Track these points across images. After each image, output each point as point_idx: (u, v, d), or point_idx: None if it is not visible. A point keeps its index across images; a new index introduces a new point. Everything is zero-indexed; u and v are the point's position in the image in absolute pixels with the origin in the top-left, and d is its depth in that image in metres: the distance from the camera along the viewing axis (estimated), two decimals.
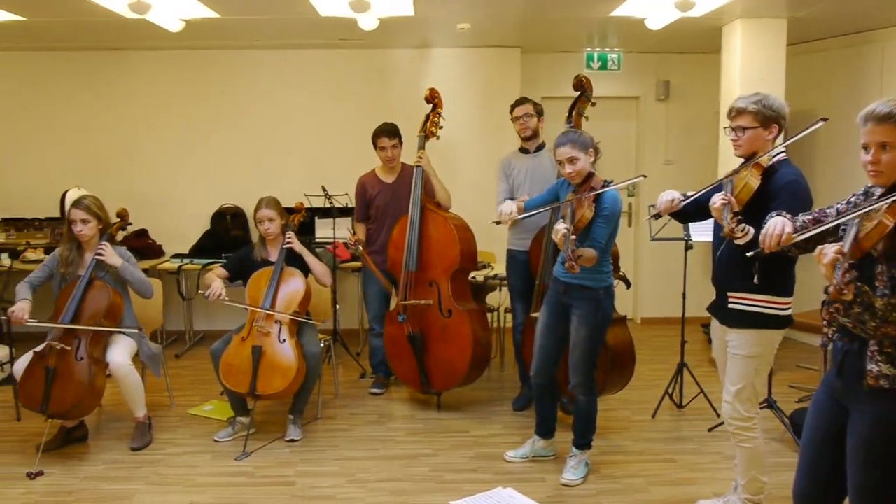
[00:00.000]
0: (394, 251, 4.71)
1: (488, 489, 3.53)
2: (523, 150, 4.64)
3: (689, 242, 4.63)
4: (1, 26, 5.21)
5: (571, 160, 3.49)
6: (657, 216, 3.20)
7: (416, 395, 4.91)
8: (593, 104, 4.44)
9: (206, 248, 6.18)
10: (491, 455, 4.01)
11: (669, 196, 3.06)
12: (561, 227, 3.28)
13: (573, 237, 3.27)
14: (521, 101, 4.61)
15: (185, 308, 6.38)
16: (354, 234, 4.88)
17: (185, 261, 5.99)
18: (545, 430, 3.92)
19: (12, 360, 5.13)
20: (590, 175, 3.53)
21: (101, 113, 6.47)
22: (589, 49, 6.61)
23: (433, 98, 4.86)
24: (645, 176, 3.73)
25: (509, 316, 4.82)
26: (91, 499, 3.56)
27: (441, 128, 4.85)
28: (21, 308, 3.88)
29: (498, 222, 3.85)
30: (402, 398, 4.97)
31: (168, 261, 6.08)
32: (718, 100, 5.69)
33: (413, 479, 3.72)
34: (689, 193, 3.05)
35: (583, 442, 3.74)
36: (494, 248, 5.56)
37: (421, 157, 4.73)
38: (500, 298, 5.47)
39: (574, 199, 3.45)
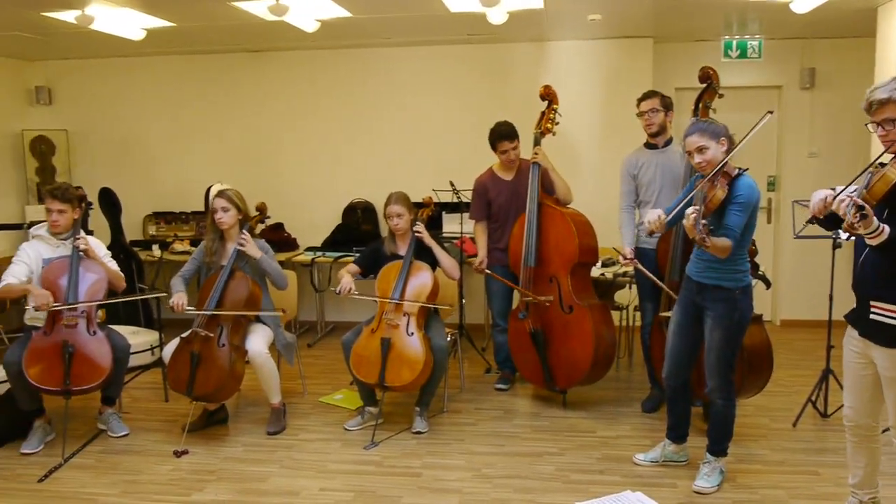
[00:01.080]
0: (514, 248, 4.70)
1: (616, 492, 3.48)
2: (650, 146, 4.48)
3: (838, 241, 4.32)
4: (154, 32, 5.57)
5: (700, 149, 3.32)
6: (813, 221, 2.80)
7: (540, 392, 4.87)
8: (720, 96, 4.22)
9: (337, 241, 6.38)
10: (619, 457, 3.91)
11: (822, 195, 2.68)
12: (691, 209, 3.13)
13: (703, 221, 3.09)
14: (648, 95, 4.45)
15: (317, 299, 6.61)
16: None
17: (318, 253, 6.21)
18: (677, 434, 3.78)
19: (161, 345, 5.49)
20: (723, 164, 3.34)
21: (242, 112, 6.81)
22: (727, 37, 6.30)
23: (548, 95, 4.79)
24: (771, 112, 3.41)
25: (639, 314, 4.67)
26: (231, 479, 3.74)
27: (557, 124, 4.77)
28: (180, 298, 4.16)
29: (651, 233, 3.57)
30: (527, 395, 4.94)
31: (302, 253, 6.32)
32: None
33: (539, 478, 3.68)
34: (838, 188, 2.79)
35: (718, 448, 3.57)
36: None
37: (537, 154, 4.67)
38: (629, 297, 5.32)
39: (705, 181, 3.30)
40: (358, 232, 6.41)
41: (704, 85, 4.22)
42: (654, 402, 4.56)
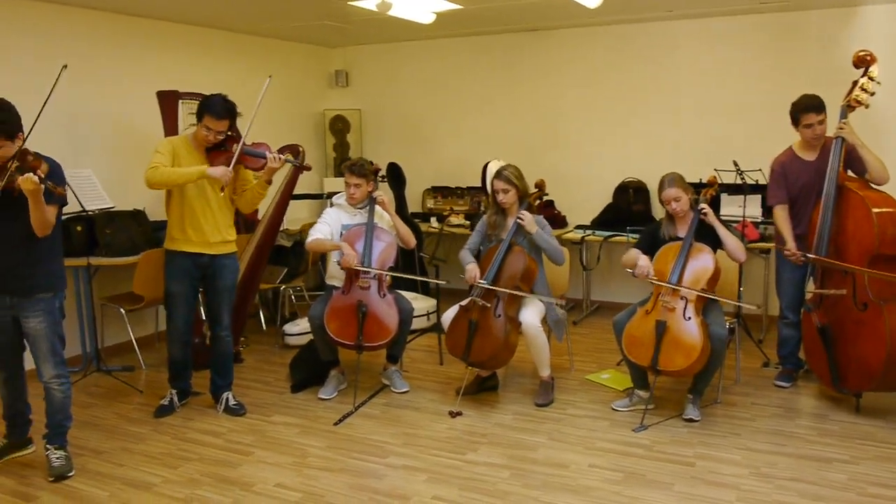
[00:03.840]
0: (812, 235, 4.29)
1: None
2: None
3: None
4: (443, 15, 5.85)
5: None
6: None
7: (827, 392, 4.44)
8: None
9: (607, 220, 6.32)
10: None
11: None
12: None
13: None
14: None
15: (584, 278, 6.60)
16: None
17: (588, 232, 6.19)
18: None
19: (437, 312, 5.84)
20: None
21: (519, 91, 6.96)
22: None
23: (865, 61, 4.24)
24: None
25: None
26: (501, 444, 3.89)
27: (873, 94, 4.23)
28: (473, 270, 4.37)
29: None
30: (810, 394, 4.54)
31: (571, 231, 6.34)
32: None
33: (830, 486, 3.37)
34: None
35: None
36: None
37: (843, 128, 4.19)
38: None
39: None
40: (629, 212, 6.29)
41: None
42: None
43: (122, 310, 5.24)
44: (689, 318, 3.97)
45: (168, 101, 5.23)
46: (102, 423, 4.31)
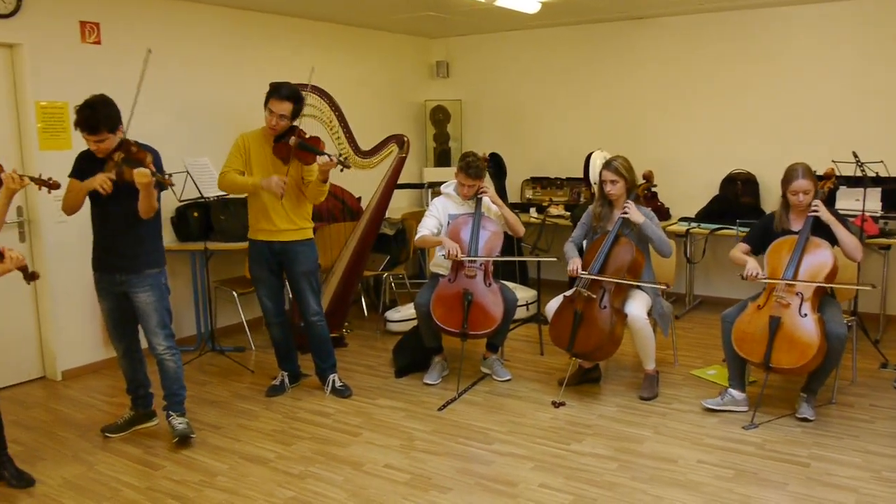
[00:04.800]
0: None
1: None
2: None
3: None
4: (549, 5, 5.82)
5: None
6: None
7: None
8: None
9: (713, 212, 6.16)
10: None
11: None
12: None
13: None
14: None
15: (688, 271, 6.46)
16: None
17: (693, 224, 6.05)
18: None
19: (538, 302, 5.85)
20: None
21: (624, 80, 6.85)
22: None
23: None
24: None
25: None
26: (606, 435, 3.87)
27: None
28: (575, 263, 4.36)
29: None
30: None
31: (675, 223, 6.22)
32: None
33: None
34: None
35: None
36: None
37: None
38: None
39: None
40: (736, 204, 6.10)
41: None
42: None
43: (234, 293, 5.48)
44: (805, 314, 3.84)
45: None
46: (218, 399, 4.53)
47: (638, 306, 4.27)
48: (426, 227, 4.58)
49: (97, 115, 3.48)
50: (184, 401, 3.95)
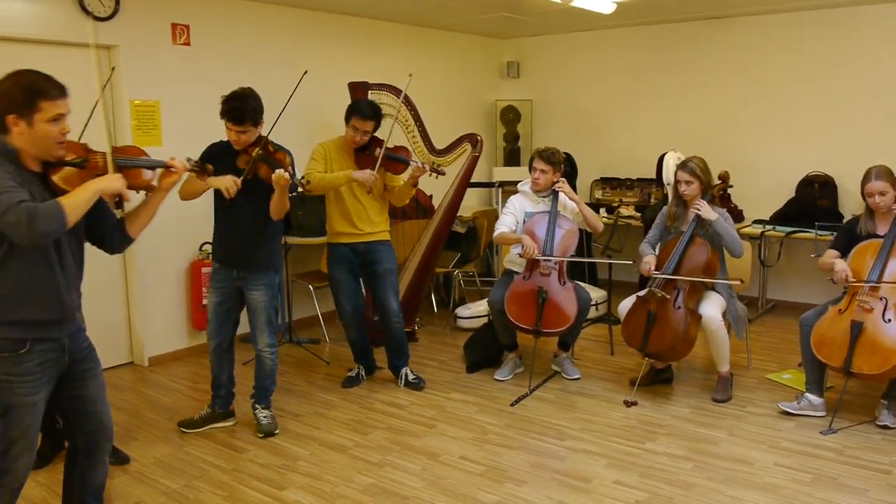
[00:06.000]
0: None
1: None
2: None
3: None
4: (624, 5, 5.79)
5: None
6: None
7: None
8: None
9: (788, 215, 6.06)
10: None
11: None
12: None
13: None
14: None
15: (762, 274, 6.37)
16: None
17: (768, 227, 5.97)
18: None
19: (608, 302, 5.86)
20: None
21: (697, 80, 6.78)
22: None
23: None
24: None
25: None
26: (680, 436, 3.88)
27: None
28: (648, 262, 4.37)
29: None
30: None
31: (749, 226, 6.13)
32: None
33: None
34: None
35: None
36: None
37: None
38: None
39: None
40: (813, 207, 5.99)
41: None
42: None
43: (310, 286, 5.65)
44: (890, 320, 3.77)
45: (358, 91, 5.54)
46: (297, 389, 4.68)
47: (713, 307, 4.25)
48: (504, 225, 4.64)
49: (245, 106, 3.61)
50: (271, 395, 4.09)
